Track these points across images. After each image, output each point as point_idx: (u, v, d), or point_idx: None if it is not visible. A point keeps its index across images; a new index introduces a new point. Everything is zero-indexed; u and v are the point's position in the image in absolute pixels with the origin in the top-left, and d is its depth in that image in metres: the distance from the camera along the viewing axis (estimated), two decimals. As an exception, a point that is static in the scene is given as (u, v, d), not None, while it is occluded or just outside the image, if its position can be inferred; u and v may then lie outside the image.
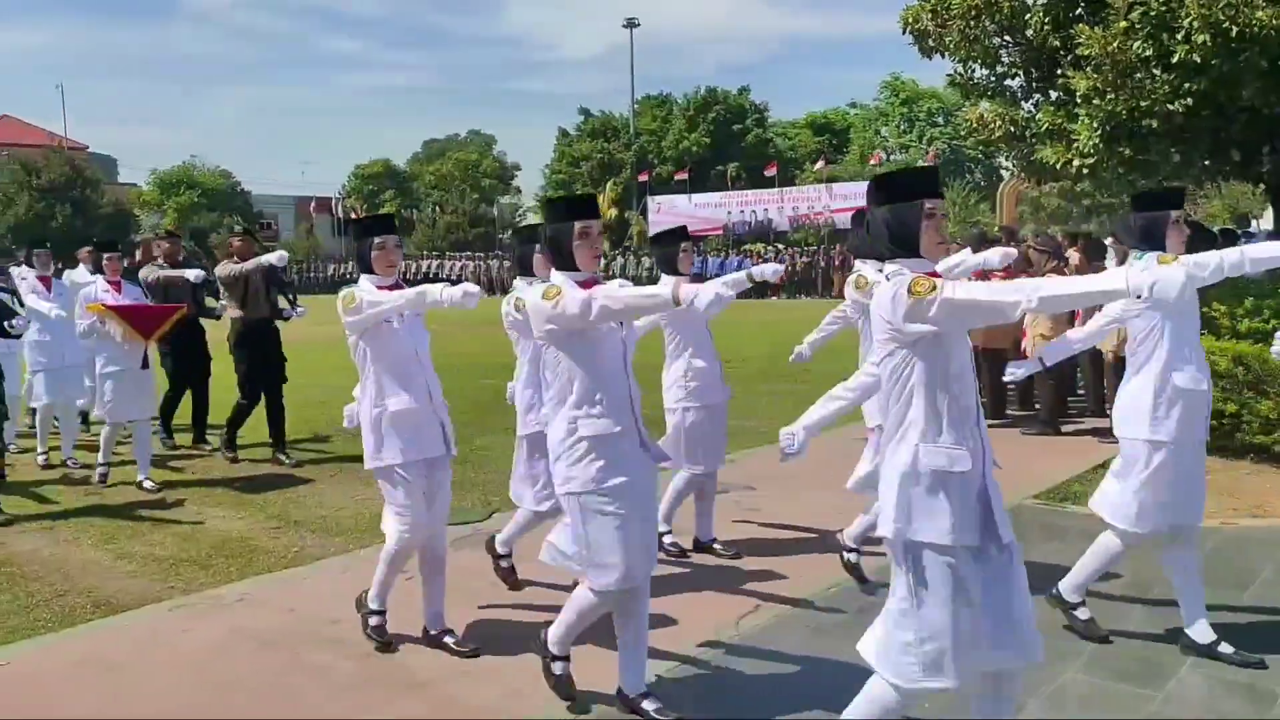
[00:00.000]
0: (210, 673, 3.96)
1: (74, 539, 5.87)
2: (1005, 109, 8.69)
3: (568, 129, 57.84)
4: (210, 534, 5.92)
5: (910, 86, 53.84)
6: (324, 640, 4.24)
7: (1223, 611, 4.40)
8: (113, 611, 4.68)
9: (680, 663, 3.98)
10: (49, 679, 3.96)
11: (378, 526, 5.84)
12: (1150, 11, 7.12)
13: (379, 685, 3.83)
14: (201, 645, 4.24)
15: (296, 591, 4.85)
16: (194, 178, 50.89)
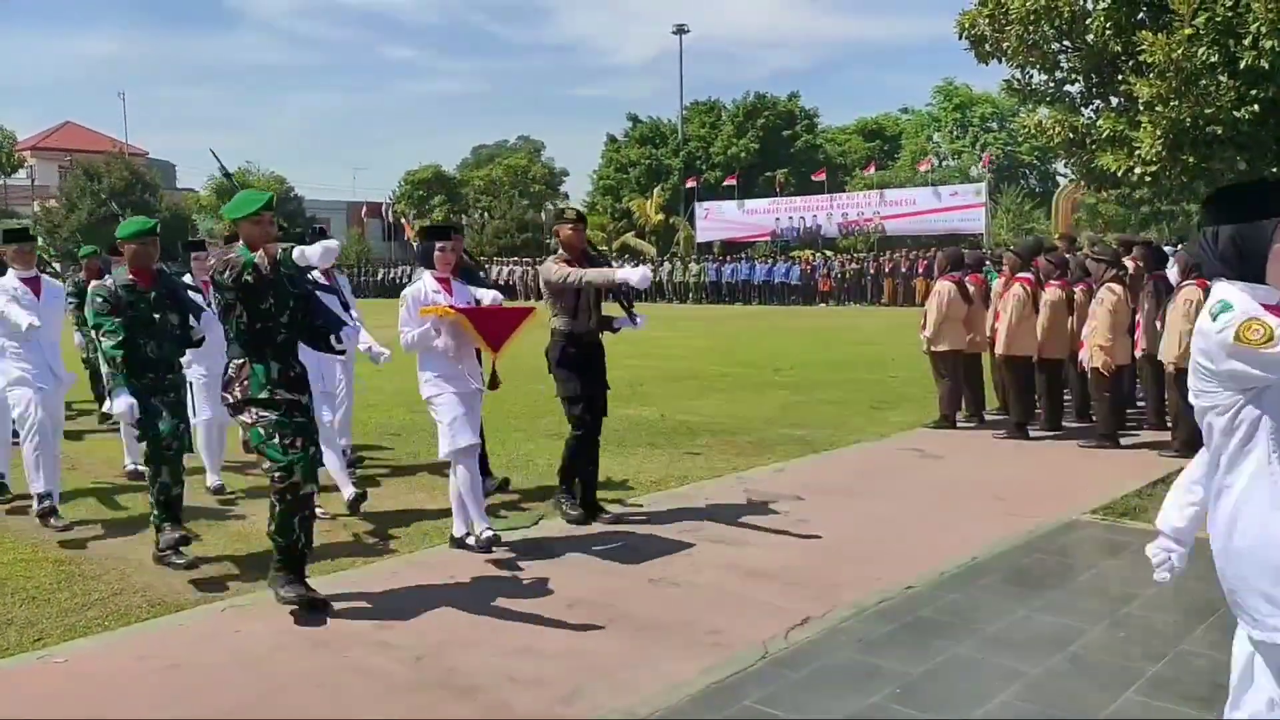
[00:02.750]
0: (264, 672, 4.00)
1: (131, 538, 5.95)
2: (1065, 115, 8.55)
3: (616, 135, 58.03)
4: (262, 535, 5.89)
5: (963, 92, 53.30)
6: (374, 642, 4.27)
7: None
8: (167, 611, 4.73)
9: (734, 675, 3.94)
10: (110, 676, 4.01)
11: (430, 531, 6.02)
12: (1216, 17, 6.97)
13: (429, 688, 3.84)
14: (255, 645, 4.28)
15: (348, 593, 4.87)
16: (249, 183, 51.78)
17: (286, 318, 4.63)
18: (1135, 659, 4.04)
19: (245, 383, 4.52)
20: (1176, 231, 38.54)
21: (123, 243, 5.47)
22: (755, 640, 4.23)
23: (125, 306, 5.34)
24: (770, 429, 9.30)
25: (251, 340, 4.53)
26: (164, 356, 5.53)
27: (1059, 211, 33.21)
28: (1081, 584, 4.98)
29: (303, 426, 4.58)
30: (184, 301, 5.66)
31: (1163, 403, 8.67)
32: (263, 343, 4.54)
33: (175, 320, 5.57)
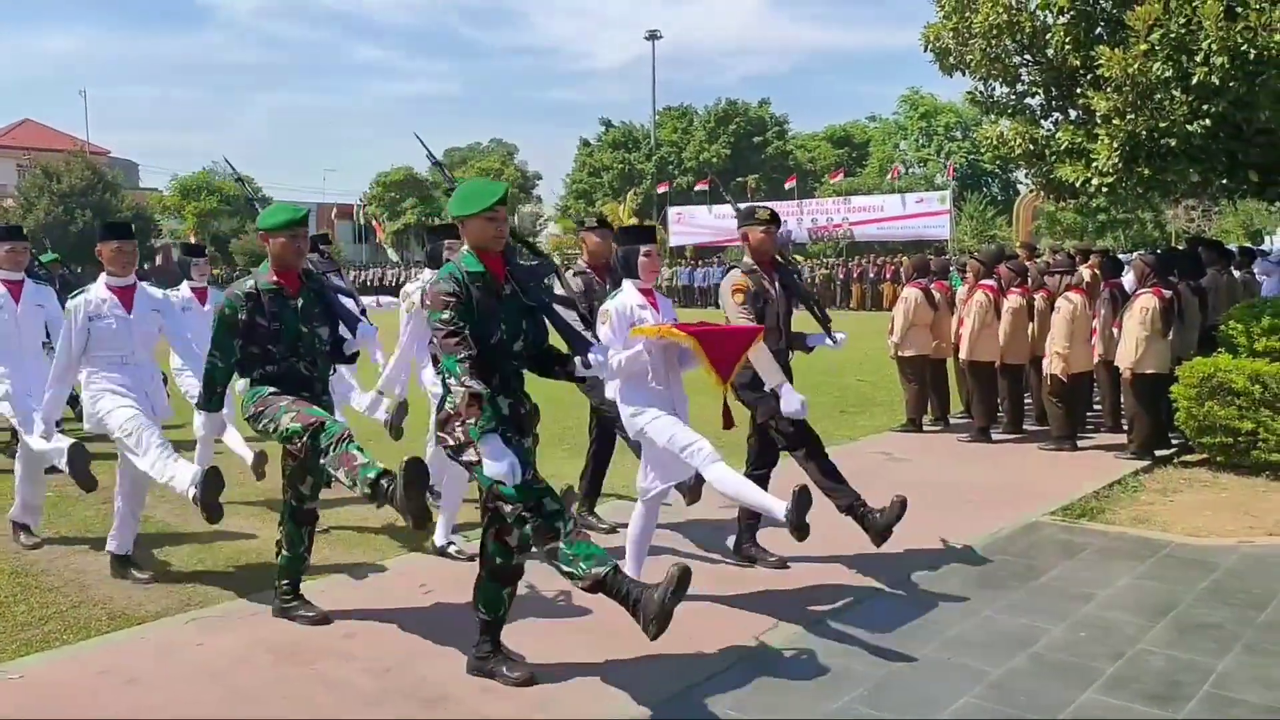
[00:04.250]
0: (228, 685, 3.95)
1: (90, 550, 5.78)
2: (1025, 127, 8.75)
3: (589, 139, 58.10)
4: (227, 546, 5.89)
5: (929, 101, 53.86)
6: (342, 653, 4.23)
7: (1239, 631, 4.48)
8: (129, 623, 4.65)
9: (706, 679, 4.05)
10: (68, 691, 3.92)
11: (400, 538, 5.99)
12: (1170, 34, 7.19)
13: (398, 699, 3.83)
14: (219, 657, 4.22)
15: (315, 604, 4.75)
16: (214, 183, 51.29)
17: (520, 344, 3.83)
18: (1095, 658, 4.18)
19: (470, 422, 3.68)
20: (1132, 240, 39.23)
21: (266, 235, 4.39)
22: (726, 644, 4.31)
23: (270, 316, 4.35)
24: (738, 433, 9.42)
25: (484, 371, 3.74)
26: (318, 376, 4.54)
27: (1020, 219, 33.69)
28: (1042, 584, 5.14)
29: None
30: (335, 308, 4.66)
31: (1119, 406, 8.92)
32: (488, 373, 3.73)
33: (327, 332, 4.56)
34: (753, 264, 5.23)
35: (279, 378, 4.36)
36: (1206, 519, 6.32)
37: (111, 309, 5.09)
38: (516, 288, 3.77)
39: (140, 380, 5.13)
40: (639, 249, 4.72)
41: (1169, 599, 4.89)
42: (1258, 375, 7.14)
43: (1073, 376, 8.48)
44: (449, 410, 3.74)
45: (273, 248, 4.39)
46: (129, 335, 5.11)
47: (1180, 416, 7.65)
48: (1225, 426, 7.28)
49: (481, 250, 3.72)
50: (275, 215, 4.37)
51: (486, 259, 3.71)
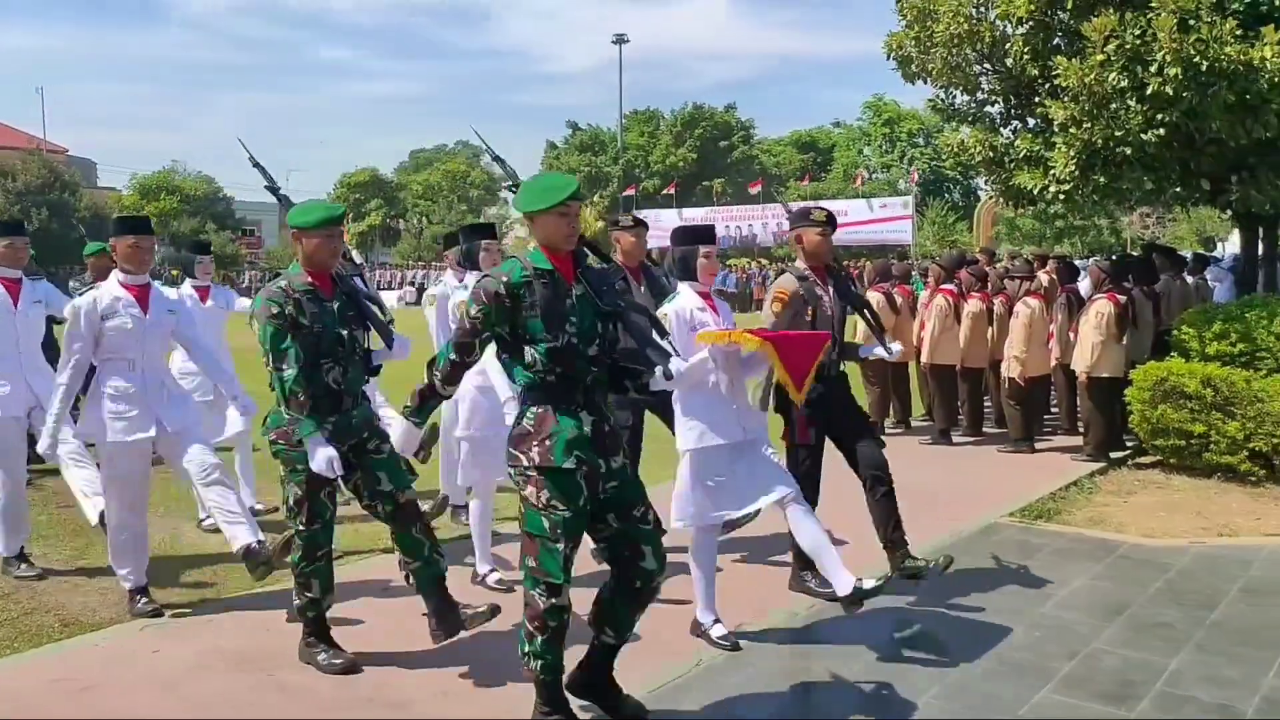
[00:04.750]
0: (183, 694, 3.90)
1: (42, 556, 5.68)
2: (985, 135, 8.89)
3: (556, 142, 58.07)
4: (184, 551, 5.82)
5: (892, 108, 54.43)
6: (301, 660, 4.19)
7: (1190, 630, 4.58)
8: (82, 630, 4.59)
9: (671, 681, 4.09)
10: (20, 699, 3.86)
11: (359, 543, 5.90)
12: (1125, 45, 7.33)
13: (358, 706, 3.82)
14: (174, 665, 4.16)
15: (273, 610, 4.73)
16: (175, 183, 50.64)
17: (595, 349, 3.44)
18: (1051, 658, 4.25)
19: (548, 442, 3.35)
20: (1089, 246, 39.88)
21: (300, 233, 4.06)
22: (692, 648, 4.35)
23: (311, 317, 3.99)
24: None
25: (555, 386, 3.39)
26: (350, 388, 4.15)
27: (980, 225, 34.11)
28: (1000, 585, 5.22)
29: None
30: (368, 313, 4.28)
31: (1075, 409, 9.08)
32: (567, 385, 3.39)
33: (360, 338, 4.23)
34: (805, 269, 4.90)
35: (310, 393, 3.97)
36: (1160, 520, 6.46)
37: (127, 308, 4.73)
38: (589, 290, 3.44)
39: (148, 387, 4.74)
40: (698, 249, 4.44)
41: (1123, 599, 5.00)
42: (1209, 379, 7.30)
43: (1031, 380, 8.63)
44: (526, 427, 3.40)
45: (306, 247, 4.06)
46: (142, 338, 4.76)
47: (1134, 419, 7.80)
48: (1178, 429, 7.44)
49: (551, 249, 3.43)
50: (310, 213, 4.08)
51: (555, 258, 3.42)
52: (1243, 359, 7.43)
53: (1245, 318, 7.58)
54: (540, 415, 3.38)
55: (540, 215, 3.40)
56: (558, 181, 3.47)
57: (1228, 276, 12.19)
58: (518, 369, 3.40)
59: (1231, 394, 7.22)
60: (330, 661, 4.12)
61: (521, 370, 3.39)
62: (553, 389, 3.37)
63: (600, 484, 3.40)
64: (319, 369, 4.01)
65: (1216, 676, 4.08)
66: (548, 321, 3.33)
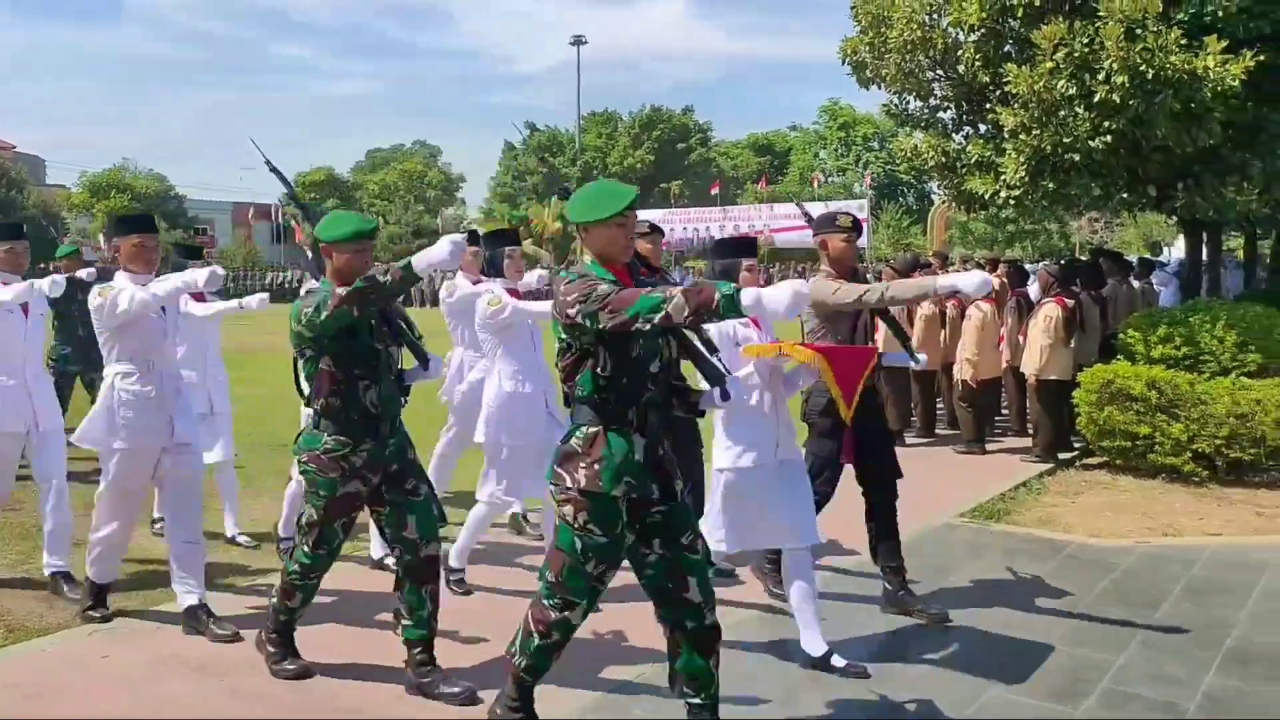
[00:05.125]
0: (135, 699, 3.83)
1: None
2: (938, 140, 9.01)
3: (514, 143, 57.91)
4: (136, 553, 5.61)
5: (847, 112, 54.94)
6: (255, 665, 4.12)
7: (1136, 629, 4.68)
8: (29, 635, 4.50)
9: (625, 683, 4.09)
10: None
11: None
12: (1074, 53, 7.47)
13: (316, 712, 3.78)
14: (125, 670, 4.08)
15: (229, 614, 4.64)
16: (125, 181, 49.77)
17: (657, 365, 3.24)
18: (1000, 656, 4.31)
19: (596, 466, 3.18)
20: (1039, 250, 40.59)
21: (329, 248, 3.82)
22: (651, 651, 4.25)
23: (345, 334, 3.77)
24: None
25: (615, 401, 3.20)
26: (387, 410, 3.91)
27: (934, 229, 34.59)
28: (952, 585, 5.29)
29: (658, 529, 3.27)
30: (400, 331, 4.04)
31: (1025, 411, 9.23)
32: (625, 404, 3.21)
33: (395, 356, 3.99)
34: (834, 274, 4.66)
35: (345, 416, 3.80)
36: (1106, 520, 6.58)
37: None
38: None
39: (165, 391, 4.49)
40: (740, 262, 4.27)
41: (1071, 598, 5.09)
42: (1154, 381, 7.45)
43: (982, 383, 8.75)
44: (575, 447, 3.21)
45: (336, 262, 3.81)
46: (160, 338, 4.52)
47: (1082, 421, 7.94)
48: (1124, 431, 7.59)
49: (608, 261, 3.22)
50: (340, 225, 3.84)
51: (614, 270, 3.20)
52: (1186, 362, 7.60)
53: (1189, 322, 7.75)
54: (591, 436, 3.19)
55: (596, 226, 3.19)
56: (615, 190, 3.25)
57: (1173, 281, 12.46)
58: (583, 378, 3.19)
59: (1176, 396, 7.38)
60: (284, 667, 4.05)
61: (588, 380, 3.18)
62: (607, 407, 3.18)
63: (646, 509, 3.23)
64: (356, 389, 3.80)
65: (1161, 674, 4.16)
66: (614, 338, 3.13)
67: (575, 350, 3.19)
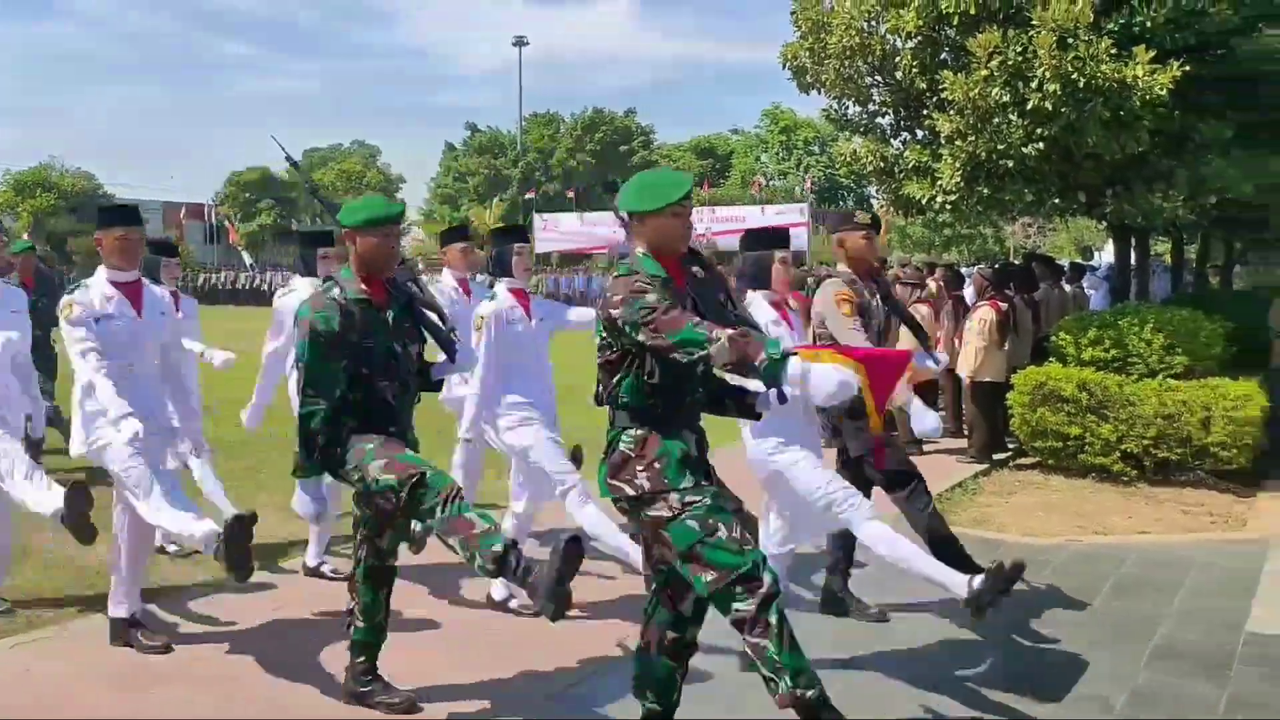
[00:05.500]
0: (58, 713, 3.75)
1: None
2: (876, 145, 9.13)
3: (455, 143, 57.50)
4: (59, 563, 5.50)
5: (788, 116, 55.48)
6: (184, 676, 4.05)
7: (1067, 625, 4.77)
8: None
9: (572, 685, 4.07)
10: None
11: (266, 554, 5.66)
12: (1008, 61, 7.61)
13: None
14: (48, 684, 3.98)
15: (161, 623, 4.56)
16: (52, 179, 48.44)
17: (703, 366, 3.09)
18: (936, 655, 4.38)
19: (656, 465, 3.05)
20: (975, 254, 41.39)
21: (352, 233, 3.61)
22: (591, 654, 4.33)
23: (361, 331, 3.55)
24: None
25: (661, 404, 3.08)
26: (405, 407, 3.74)
27: (874, 232, 35.02)
28: (887, 585, 5.28)
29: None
30: (425, 323, 3.85)
31: (960, 413, 9.38)
32: (674, 402, 3.10)
33: (416, 352, 3.80)
34: (852, 274, 4.49)
35: (361, 407, 3.58)
36: (1039, 519, 6.71)
37: (120, 308, 4.20)
38: (699, 299, 3.12)
39: (146, 396, 4.21)
40: (773, 254, 4.15)
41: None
42: (1085, 383, 7.62)
43: (919, 384, 8.86)
44: (625, 452, 3.05)
45: (360, 249, 3.61)
46: (138, 340, 4.24)
47: (1015, 422, 8.09)
48: (1055, 431, 7.74)
49: (662, 254, 3.07)
50: (363, 210, 3.65)
51: (667, 263, 3.07)
52: (1116, 364, 7.78)
53: (1119, 324, 7.93)
54: (641, 438, 3.04)
55: (651, 216, 3.05)
56: (670, 179, 3.14)
57: (1103, 285, 12.76)
58: (627, 384, 3.04)
59: (1105, 398, 7.55)
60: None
61: (632, 386, 3.03)
62: (656, 409, 3.04)
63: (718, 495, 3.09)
64: (374, 387, 3.58)
65: (1091, 670, 4.24)
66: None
67: (616, 349, 3.05)
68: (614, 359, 3.06)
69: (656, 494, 2.99)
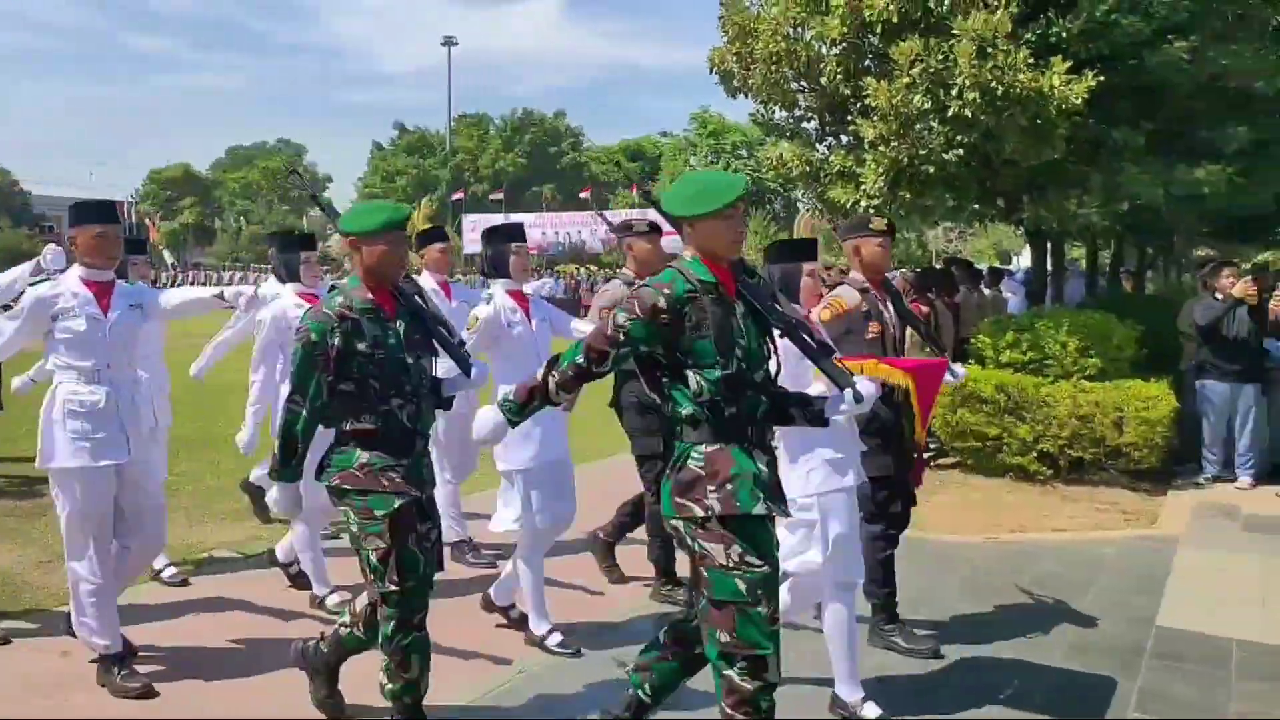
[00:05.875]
0: None
1: None
2: (802, 150, 9.23)
3: (383, 143, 56.78)
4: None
5: (717, 120, 55.84)
6: (90, 687, 3.94)
7: (987, 622, 4.88)
8: None
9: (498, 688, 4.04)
10: None
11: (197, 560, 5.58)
12: (929, 69, 7.75)
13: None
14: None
15: (65, 638, 4.37)
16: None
17: (761, 374, 2.99)
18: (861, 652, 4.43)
19: (729, 487, 2.85)
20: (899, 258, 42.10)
21: (358, 241, 3.39)
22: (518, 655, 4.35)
23: (371, 343, 3.35)
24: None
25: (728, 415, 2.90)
26: (421, 427, 3.51)
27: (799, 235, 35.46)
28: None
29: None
30: (436, 336, 3.61)
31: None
32: (737, 419, 2.91)
33: (428, 366, 3.57)
34: (864, 281, 4.29)
35: (377, 435, 3.36)
36: (960, 518, 6.85)
37: (84, 306, 3.98)
38: (751, 306, 2.98)
39: (119, 398, 4.01)
40: (801, 267, 3.95)
41: (927, 593, 5.26)
42: (1003, 385, 7.80)
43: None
44: (694, 470, 2.87)
45: (367, 257, 3.38)
46: (104, 340, 4.00)
47: (936, 423, 8.24)
48: (975, 432, 7.91)
49: (712, 258, 2.95)
50: (371, 215, 3.43)
51: (717, 269, 2.95)
52: (1032, 366, 7.98)
53: (1035, 327, 8.13)
54: (712, 455, 2.86)
55: (701, 220, 2.91)
56: (721, 180, 2.99)
57: (1021, 289, 13.03)
58: (680, 396, 2.89)
59: (1022, 399, 7.74)
60: None
61: (685, 400, 2.88)
62: (723, 424, 2.87)
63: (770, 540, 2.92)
64: (389, 405, 3.37)
65: (1009, 666, 4.34)
66: (719, 343, 2.84)
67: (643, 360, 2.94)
68: (649, 374, 2.97)
69: (727, 519, 2.81)
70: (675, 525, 2.91)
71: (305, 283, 5.06)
